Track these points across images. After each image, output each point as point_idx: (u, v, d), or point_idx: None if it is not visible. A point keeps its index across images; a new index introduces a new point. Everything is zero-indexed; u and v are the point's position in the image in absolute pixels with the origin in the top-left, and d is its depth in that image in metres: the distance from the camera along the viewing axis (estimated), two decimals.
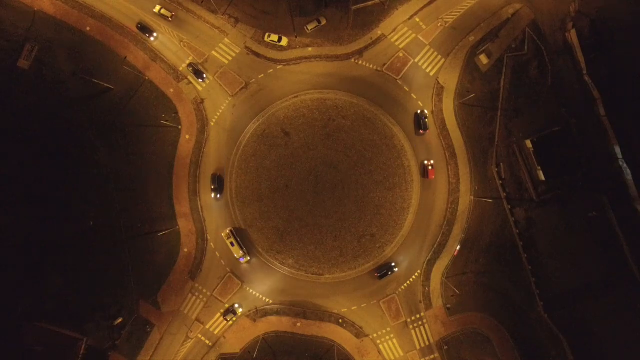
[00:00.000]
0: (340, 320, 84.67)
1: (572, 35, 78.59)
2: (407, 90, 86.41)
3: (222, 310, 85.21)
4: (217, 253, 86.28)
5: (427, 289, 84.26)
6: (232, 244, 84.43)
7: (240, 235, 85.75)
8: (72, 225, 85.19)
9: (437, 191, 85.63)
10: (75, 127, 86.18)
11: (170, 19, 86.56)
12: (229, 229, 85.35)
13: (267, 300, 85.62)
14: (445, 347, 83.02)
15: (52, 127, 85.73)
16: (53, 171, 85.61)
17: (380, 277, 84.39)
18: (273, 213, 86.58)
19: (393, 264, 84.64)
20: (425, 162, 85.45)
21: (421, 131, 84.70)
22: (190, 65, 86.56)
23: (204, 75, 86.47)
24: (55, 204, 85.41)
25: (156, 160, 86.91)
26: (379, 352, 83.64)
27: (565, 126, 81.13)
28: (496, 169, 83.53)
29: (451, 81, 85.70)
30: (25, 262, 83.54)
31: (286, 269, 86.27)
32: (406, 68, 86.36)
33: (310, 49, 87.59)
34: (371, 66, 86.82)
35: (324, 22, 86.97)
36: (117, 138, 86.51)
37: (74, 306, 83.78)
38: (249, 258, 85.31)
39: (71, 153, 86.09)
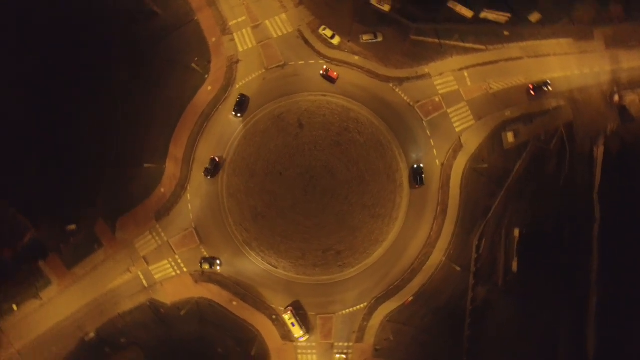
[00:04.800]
0: (274, 317, 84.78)
1: (599, 152, 79.09)
2: (429, 134, 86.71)
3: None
4: (189, 205, 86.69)
5: (365, 323, 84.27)
6: (293, 324, 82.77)
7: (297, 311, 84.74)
8: (68, 128, 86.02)
9: (414, 238, 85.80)
10: (107, 40, 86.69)
11: None
12: (290, 308, 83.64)
13: (217, 268, 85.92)
14: None
15: (84, 38, 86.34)
16: (66, 75, 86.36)
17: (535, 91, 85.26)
18: (257, 193, 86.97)
19: (548, 81, 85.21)
20: (322, 72, 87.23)
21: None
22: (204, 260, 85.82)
23: (218, 261, 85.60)
24: (60, 102, 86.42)
25: (171, 98, 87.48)
26: None
27: (559, 231, 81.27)
28: (477, 242, 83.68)
29: (472, 144, 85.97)
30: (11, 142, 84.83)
31: (247, 248, 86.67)
32: (436, 114, 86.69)
33: (356, 57, 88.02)
34: (405, 98, 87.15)
35: (380, 38, 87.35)
36: (144, 64, 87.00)
37: (37, 197, 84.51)
38: (307, 336, 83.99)
39: (92, 64, 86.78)
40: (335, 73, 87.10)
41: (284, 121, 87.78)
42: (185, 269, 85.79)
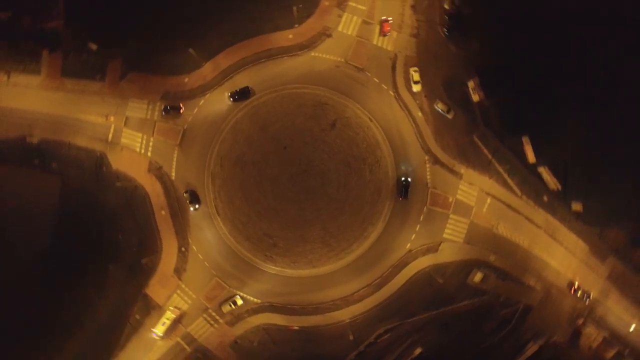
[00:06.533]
0: (183, 249, 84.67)
1: (532, 349, 79.85)
2: (420, 219, 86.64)
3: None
4: (195, 109, 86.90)
5: (246, 315, 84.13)
6: (163, 323, 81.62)
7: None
8: None
9: (339, 285, 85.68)
10: None
11: None
12: (179, 312, 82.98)
13: (191, 209, 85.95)
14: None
15: None
16: None
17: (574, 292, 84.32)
18: (254, 146, 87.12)
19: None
20: (383, 16, 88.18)
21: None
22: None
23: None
24: None
25: (254, 18, 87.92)
26: (168, 298, 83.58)
27: None
28: (381, 332, 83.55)
29: (445, 256, 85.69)
30: None
31: (209, 180, 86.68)
32: (440, 209, 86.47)
33: (420, 114, 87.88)
34: (428, 176, 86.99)
35: (450, 116, 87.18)
36: None
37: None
38: (159, 339, 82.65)
39: None
40: (389, 29, 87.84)
41: (323, 111, 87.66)
42: (149, 154, 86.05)
